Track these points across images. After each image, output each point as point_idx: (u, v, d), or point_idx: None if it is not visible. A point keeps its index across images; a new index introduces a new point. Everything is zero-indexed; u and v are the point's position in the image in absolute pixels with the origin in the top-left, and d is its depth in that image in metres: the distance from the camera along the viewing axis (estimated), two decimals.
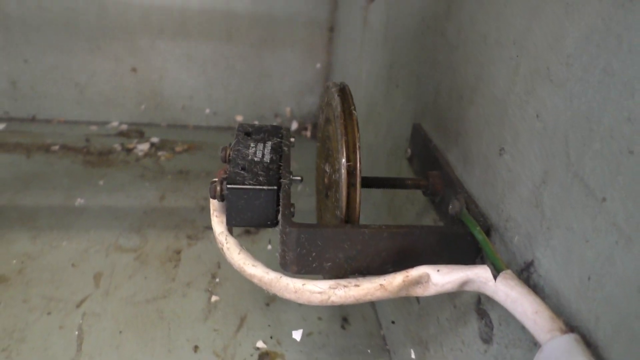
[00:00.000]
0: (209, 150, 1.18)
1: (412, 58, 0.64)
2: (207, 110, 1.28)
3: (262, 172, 0.44)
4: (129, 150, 1.14)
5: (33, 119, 1.23)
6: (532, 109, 0.36)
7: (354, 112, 0.43)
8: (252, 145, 0.49)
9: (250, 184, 0.43)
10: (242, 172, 0.44)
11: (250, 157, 0.47)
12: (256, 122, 1.26)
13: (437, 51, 0.55)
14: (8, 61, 1.17)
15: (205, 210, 0.95)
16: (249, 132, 0.52)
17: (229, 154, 0.48)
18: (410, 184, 0.51)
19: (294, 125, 1.32)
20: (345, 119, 0.42)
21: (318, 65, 1.28)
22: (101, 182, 1.00)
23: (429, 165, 0.54)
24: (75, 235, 0.84)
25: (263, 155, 0.48)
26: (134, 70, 1.22)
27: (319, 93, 1.32)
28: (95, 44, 1.18)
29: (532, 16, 0.37)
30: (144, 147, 1.16)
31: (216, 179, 0.45)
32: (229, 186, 0.42)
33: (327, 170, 0.48)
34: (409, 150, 0.60)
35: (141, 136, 1.21)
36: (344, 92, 0.45)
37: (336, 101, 0.44)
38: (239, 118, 1.30)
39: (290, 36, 1.24)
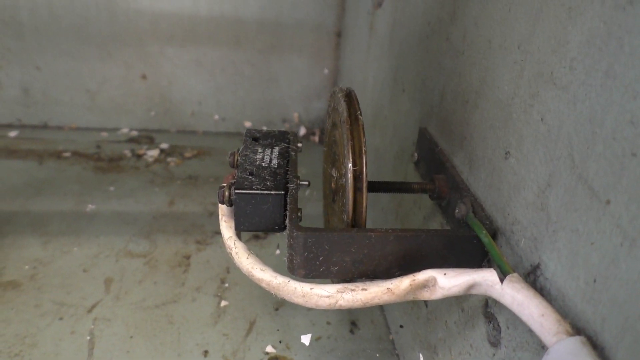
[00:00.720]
0: (217, 156, 1.19)
1: (418, 62, 0.64)
2: (216, 116, 1.30)
3: (269, 177, 0.45)
4: (139, 156, 1.15)
5: (45, 126, 1.25)
6: (536, 113, 0.36)
7: (360, 117, 0.43)
8: (259, 150, 0.50)
9: (258, 189, 0.43)
10: (250, 177, 0.45)
11: (258, 162, 0.47)
12: (264, 128, 1.27)
13: (442, 55, 0.56)
14: (20, 68, 1.19)
15: (214, 215, 0.96)
16: (256, 138, 0.52)
17: (237, 159, 0.49)
18: (417, 188, 0.51)
19: (302, 131, 1.33)
20: (352, 124, 0.43)
21: (325, 70, 1.29)
22: (111, 188, 1.01)
23: (435, 169, 0.54)
24: (86, 241, 0.85)
25: (270, 160, 0.48)
26: (143, 76, 1.23)
27: (326, 98, 1.32)
28: (106, 51, 1.19)
29: (535, 20, 0.37)
30: (153, 153, 1.17)
31: (224, 184, 0.45)
32: (237, 191, 0.43)
33: (334, 175, 0.48)
34: (416, 154, 0.60)
35: (151, 142, 1.23)
36: (350, 97, 0.46)
37: (342, 106, 0.44)
38: (247, 124, 1.31)
39: (297, 42, 1.25)
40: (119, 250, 0.83)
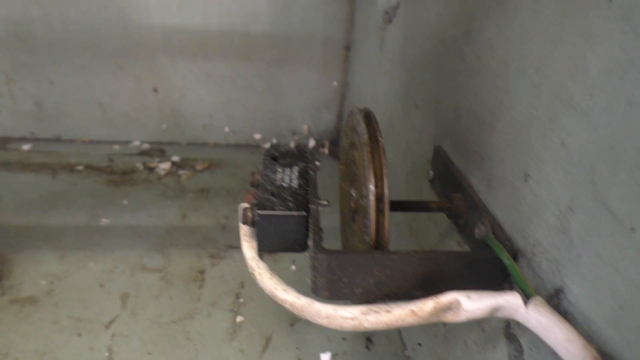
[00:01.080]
0: (228, 168, 1.20)
1: (431, 79, 0.65)
2: (226, 129, 1.30)
3: (290, 198, 0.46)
4: (150, 169, 1.16)
5: (58, 139, 1.26)
6: (556, 137, 0.37)
7: (380, 138, 0.44)
8: (279, 170, 0.51)
9: (280, 210, 0.44)
10: (271, 197, 0.45)
11: (278, 183, 0.48)
12: (274, 140, 1.28)
13: (457, 74, 0.56)
14: (34, 83, 1.20)
15: (227, 228, 0.96)
16: (275, 157, 0.53)
17: (257, 179, 0.49)
18: (434, 207, 0.52)
19: (311, 143, 1.33)
20: (372, 146, 0.43)
21: (334, 83, 1.30)
22: (125, 202, 1.02)
23: (451, 188, 0.54)
24: (101, 255, 0.86)
25: (291, 180, 0.49)
26: (155, 90, 1.24)
27: (335, 110, 1.33)
28: (118, 65, 1.21)
29: (553, 45, 0.37)
30: (165, 166, 1.18)
31: (247, 205, 0.46)
32: (260, 212, 0.43)
33: (354, 195, 0.49)
34: (431, 172, 0.60)
35: (162, 155, 1.24)
36: (369, 118, 0.46)
37: (362, 127, 0.45)
38: (257, 136, 1.32)
39: (307, 55, 1.26)
40: (134, 264, 0.84)
